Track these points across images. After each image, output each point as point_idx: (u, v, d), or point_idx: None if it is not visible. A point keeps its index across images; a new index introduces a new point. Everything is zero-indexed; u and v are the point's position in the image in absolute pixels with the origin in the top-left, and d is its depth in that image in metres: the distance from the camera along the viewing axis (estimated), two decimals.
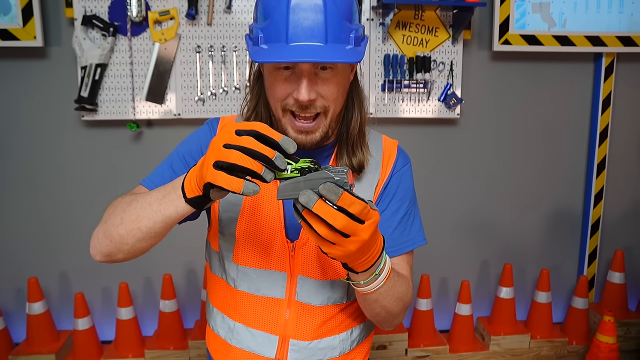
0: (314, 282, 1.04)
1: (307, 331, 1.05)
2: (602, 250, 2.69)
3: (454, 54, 2.38)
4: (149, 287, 2.47)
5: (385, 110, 2.37)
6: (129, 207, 0.91)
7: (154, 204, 0.86)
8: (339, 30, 0.89)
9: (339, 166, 0.79)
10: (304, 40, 0.87)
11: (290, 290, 1.04)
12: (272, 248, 1.04)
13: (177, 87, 2.29)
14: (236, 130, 0.74)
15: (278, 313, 1.05)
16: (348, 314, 1.09)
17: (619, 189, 2.65)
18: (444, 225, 2.59)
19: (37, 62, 2.28)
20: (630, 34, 2.46)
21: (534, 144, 2.58)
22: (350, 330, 1.10)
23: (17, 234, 2.39)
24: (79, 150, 2.35)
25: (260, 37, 0.90)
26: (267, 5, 0.91)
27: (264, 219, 1.04)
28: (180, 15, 2.23)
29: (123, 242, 0.91)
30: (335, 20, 0.89)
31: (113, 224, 0.92)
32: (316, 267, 1.04)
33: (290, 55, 0.86)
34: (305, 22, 0.87)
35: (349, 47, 0.91)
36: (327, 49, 0.87)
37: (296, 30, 0.87)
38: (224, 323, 1.11)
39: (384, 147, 1.12)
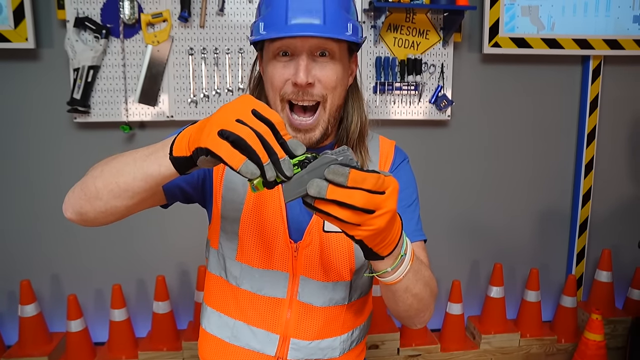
0: (316, 283, 1.05)
1: (308, 331, 1.06)
2: (590, 249, 2.73)
3: (445, 56, 2.41)
4: (142, 288, 2.47)
5: (377, 112, 2.40)
6: (113, 160, 0.87)
7: (139, 160, 0.82)
8: (337, 16, 0.93)
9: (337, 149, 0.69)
10: (303, 16, 0.90)
11: (292, 291, 1.05)
12: (275, 248, 1.05)
13: (169, 89, 2.30)
14: (253, 110, 0.69)
15: (279, 312, 1.05)
16: (350, 316, 1.11)
17: (606, 189, 2.70)
18: (434, 226, 2.61)
19: (29, 64, 2.28)
20: (617, 37, 2.50)
21: (523, 145, 2.62)
22: (351, 332, 1.11)
23: (9, 236, 2.38)
24: (71, 152, 2.35)
25: (261, 25, 0.94)
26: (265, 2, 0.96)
27: (267, 219, 1.04)
28: (172, 18, 2.24)
29: (98, 196, 0.85)
30: (334, 5, 0.92)
31: (92, 175, 0.87)
32: (318, 268, 1.05)
33: (289, 30, 0.89)
34: (304, 5, 0.91)
35: (347, 33, 0.94)
36: (325, 28, 0.90)
37: (295, 12, 0.90)
38: (221, 321, 1.11)
39: (380, 148, 1.14)
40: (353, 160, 0.65)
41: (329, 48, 0.94)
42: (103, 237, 2.41)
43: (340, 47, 0.97)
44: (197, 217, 1.24)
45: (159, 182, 0.82)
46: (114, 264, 2.43)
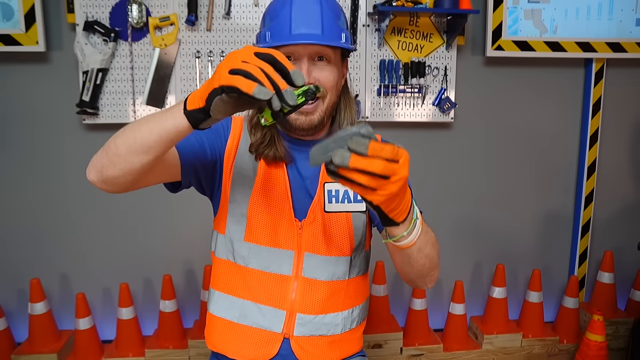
0: (319, 258, 1.15)
1: (313, 305, 1.15)
2: (593, 251, 2.75)
3: (448, 59, 2.44)
4: (149, 287, 2.52)
5: (381, 114, 2.43)
6: (135, 122, 0.92)
7: (156, 116, 0.88)
8: (333, 26, 1.06)
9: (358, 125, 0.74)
10: (305, 27, 1.04)
11: (297, 267, 1.14)
12: (281, 227, 1.14)
13: (177, 91, 2.34)
14: (255, 52, 0.77)
15: (286, 289, 1.14)
16: (350, 293, 1.20)
17: (609, 191, 2.72)
18: (438, 227, 2.61)
19: (39, 67, 2.32)
20: (619, 40, 2.52)
21: (526, 147, 2.64)
22: (351, 309, 1.21)
23: (20, 236, 2.43)
24: (80, 153, 2.39)
25: (267, 34, 1.06)
26: (272, 10, 1.08)
27: (273, 200, 1.14)
28: (180, 21, 2.28)
29: (117, 152, 0.89)
30: (330, 19, 1.05)
31: (114, 135, 0.93)
32: (321, 244, 1.15)
33: (294, 38, 1.02)
34: (305, 17, 1.04)
35: (342, 41, 1.07)
36: (324, 37, 1.04)
37: (298, 23, 1.03)
38: (229, 303, 1.18)
39: None
40: (373, 133, 0.72)
41: (326, 53, 1.06)
42: (111, 237, 2.45)
43: (335, 53, 1.09)
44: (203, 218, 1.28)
45: (173, 137, 0.87)
46: (121, 264, 2.47)
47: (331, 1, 1.09)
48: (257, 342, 1.17)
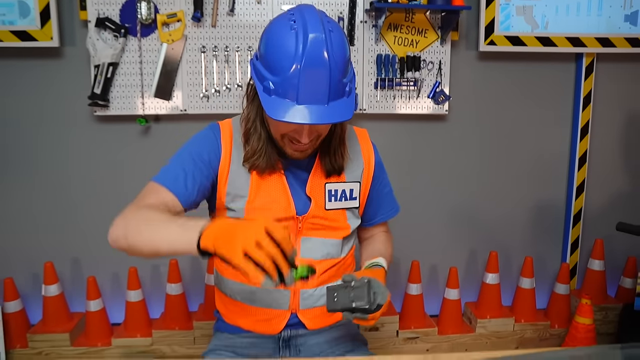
0: (314, 240, 1.28)
1: (312, 280, 1.24)
2: (584, 239, 2.84)
3: (443, 54, 2.54)
4: (156, 272, 2.63)
5: (378, 107, 2.53)
6: (149, 226, 1.03)
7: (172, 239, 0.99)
8: (338, 88, 1.08)
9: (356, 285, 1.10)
10: (310, 102, 1.05)
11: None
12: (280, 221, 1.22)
13: (183, 85, 2.45)
14: (267, 230, 0.88)
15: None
16: (345, 267, 1.36)
17: (599, 181, 2.81)
18: (433, 216, 2.75)
19: (53, 62, 2.45)
20: (608, 35, 2.61)
21: (519, 138, 2.74)
22: None
23: (34, 223, 2.56)
24: (91, 143, 2.52)
25: (272, 90, 1.07)
26: (276, 62, 1.06)
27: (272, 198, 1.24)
28: (186, 18, 2.40)
29: (139, 252, 1.05)
30: (335, 80, 1.06)
31: (133, 233, 1.04)
32: (319, 230, 1.28)
33: (302, 117, 1.05)
34: (312, 87, 1.04)
35: (345, 98, 1.10)
36: (328, 110, 1.07)
37: (305, 95, 1.05)
38: (239, 288, 1.31)
39: (359, 139, 1.36)
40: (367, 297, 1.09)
41: None
42: None
43: None
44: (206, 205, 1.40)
45: (181, 253, 0.99)
46: None
47: (339, 58, 1.06)
48: (268, 319, 1.31)
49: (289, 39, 1.03)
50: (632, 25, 2.62)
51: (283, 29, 1.06)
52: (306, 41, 1.02)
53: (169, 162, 1.23)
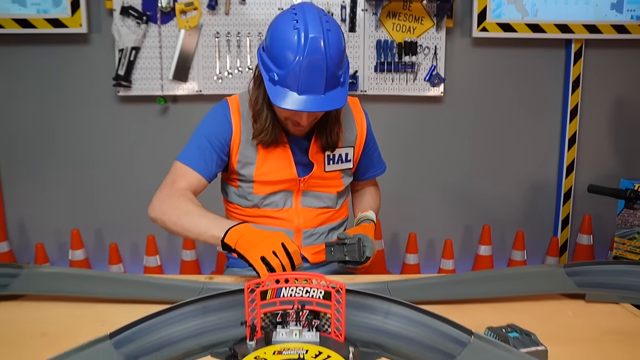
0: (313, 193, 1.49)
1: (312, 222, 1.49)
2: (574, 216, 3.00)
3: (438, 39, 2.74)
4: (172, 239, 2.85)
5: (378, 89, 2.74)
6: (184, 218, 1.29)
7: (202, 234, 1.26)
8: (333, 80, 1.26)
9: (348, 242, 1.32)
10: (310, 92, 1.23)
11: (297, 201, 1.48)
12: (284, 182, 1.45)
13: (199, 67, 2.68)
14: (282, 243, 1.14)
15: (291, 216, 1.47)
16: (338, 215, 1.56)
17: (588, 161, 2.96)
18: (431, 192, 2.93)
19: (82, 47, 2.70)
20: (596, 22, 2.78)
21: (512, 120, 2.92)
22: (338, 222, 1.57)
23: (62, 194, 2.80)
24: (115, 121, 2.76)
25: (277, 80, 1.24)
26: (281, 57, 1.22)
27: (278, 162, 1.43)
28: (202, 6, 2.63)
29: (171, 232, 1.33)
30: (331, 74, 1.25)
31: (170, 222, 1.32)
32: (317, 187, 1.49)
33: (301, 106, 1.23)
34: (311, 79, 1.21)
35: (339, 88, 1.29)
36: (324, 99, 1.25)
37: (305, 86, 1.22)
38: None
39: (352, 108, 1.55)
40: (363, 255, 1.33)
41: None
42: (138, 196, 2.80)
43: None
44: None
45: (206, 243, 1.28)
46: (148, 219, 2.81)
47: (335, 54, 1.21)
48: None
49: (292, 37, 1.20)
50: (618, 13, 2.79)
51: (287, 27, 1.22)
52: (307, 41, 1.18)
53: (189, 143, 1.45)
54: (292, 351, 0.83)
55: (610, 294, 1.13)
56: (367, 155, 1.58)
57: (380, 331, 0.94)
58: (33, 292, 1.11)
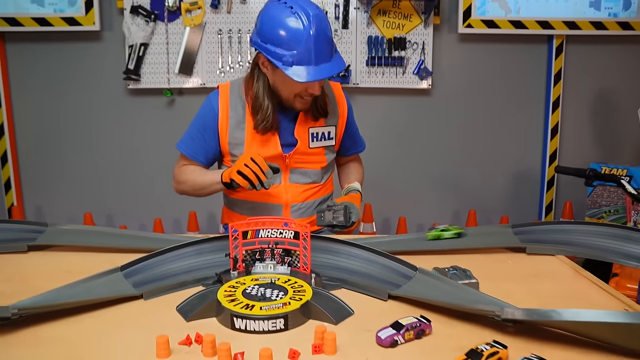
0: (300, 170, 1.68)
1: (299, 197, 1.67)
2: (557, 203, 3.17)
3: (426, 35, 2.92)
4: (177, 222, 3.07)
5: (369, 81, 2.93)
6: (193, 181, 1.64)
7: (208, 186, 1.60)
8: (332, 47, 1.49)
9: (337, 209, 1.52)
10: (322, 61, 1.45)
11: (285, 177, 1.66)
12: (272, 159, 1.61)
13: (202, 62, 2.89)
14: (251, 157, 1.42)
15: (280, 191, 1.65)
16: (323, 190, 1.75)
17: (570, 150, 3.13)
18: (420, 179, 3.12)
19: (94, 44, 2.92)
20: (575, 19, 2.95)
21: (497, 111, 3.09)
22: (323, 197, 1.75)
23: (76, 180, 3.02)
24: (125, 111, 2.97)
25: (293, 61, 1.41)
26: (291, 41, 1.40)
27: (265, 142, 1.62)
28: (206, 5, 2.84)
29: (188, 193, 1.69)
30: (331, 42, 1.48)
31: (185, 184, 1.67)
32: (302, 164, 1.68)
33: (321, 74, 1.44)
34: (321, 49, 1.42)
35: (337, 54, 1.51)
36: (334, 63, 1.47)
37: (318, 57, 1.42)
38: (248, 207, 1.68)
39: (334, 91, 1.74)
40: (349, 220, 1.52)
41: None
42: (146, 182, 3.02)
43: None
44: None
45: (216, 192, 1.63)
46: (155, 203, 3.03)
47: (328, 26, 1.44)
48: None
49: (295, 21, 1.39)
50: (596, 10, 2.96)
51: (286, 14, 1.41)
52: (309, 19, 1.38)
53: (186, 132, 1.69)
54: (267, 279, 1.03)
55: (547, 247, 1.32)
56: (350, 135, 1.77)
57: (342, 269, 1.13)
58: (57, 243, 1.32)
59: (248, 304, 0.91)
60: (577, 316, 0.80)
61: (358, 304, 0.99)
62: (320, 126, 1.66)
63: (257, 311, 0.89)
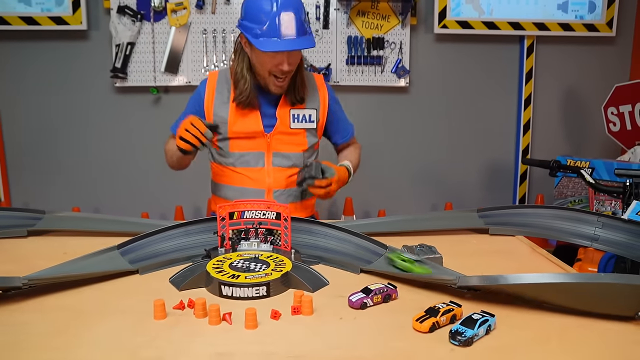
0: (282, 154, 1.76)
1: (281, 182, 1.75)
2: (530, 196, 3.32)
3: (403, 35, 3.05)
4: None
5: (349, 80, 3.05)
6: (168, 151, 1.77)
7: (173, 154, 1.71)
8: (302, 27, 1.60)
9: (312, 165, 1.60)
10: (288, 36, 1.57)
11: (268, 161, 1.75)
12: (255, 139, 1.74)
13: (188, 61, 2.98)
14: (191, 122, 1.51)
15: (263, 176, 1.74)
16: None
17: (542, 145, 3.29)
18: (399, 174, 3.25)
19: (82, 43, 2.99)
20: (544, 21, 3.11)
21: (471, 109, 3.24)
22: None
23: (64, 175, 3.09)
24: (112, 109, 3.05)
25: (262, 33, 1.55)
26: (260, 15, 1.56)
27: (248, 122, 1.73)
28: (191, 6, 2.93)
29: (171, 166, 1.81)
30: (300, 22, 1.59)
31: (166, 155, 1.80)
32: (284, 146, 1.76)
33: (284, 46, 1.56)
34: (288, 24, 1.55)
35: (308, 36, 1.62)
36: (300, 40, 1.58)
37: (284, 30, 1.56)
38: (233, 191, 1.77)
39: (316, 81, 1.85)
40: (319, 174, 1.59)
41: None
42: (133, 177, 3.10)
43: None
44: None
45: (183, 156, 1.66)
46: (142, 197, 3.12)
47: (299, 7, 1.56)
48: None
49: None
50: (563, 13, 3.12)
51: None
52: None
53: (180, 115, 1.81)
54: (251, 255, 1.13)
55: (507, 228, 1.45)
56: (337, 120, 1.88)
57: (319, 247, 1.25)
58: (55, 228, 1.41)
59: (234, 274, 1.02)
60: (520, 279, 0.92)
61: (333, 277, 1.10)
62: (301, 108, 1.77)
63: (243, 280, 0.99)
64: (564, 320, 0.92)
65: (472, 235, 1.46)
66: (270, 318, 0.91)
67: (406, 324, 0.90)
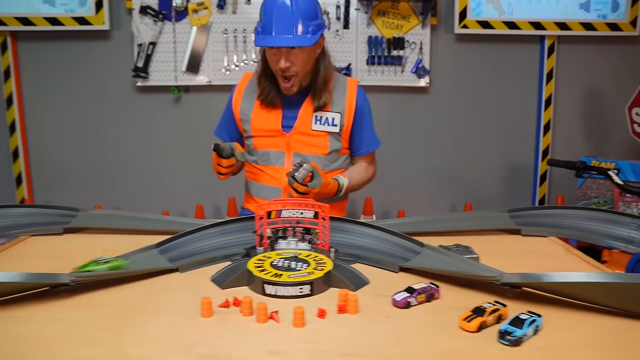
0: (302, 155, 1.76)
1: None
2: (550, 197, 3.30)
3: (423, 35, 3.05)
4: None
5: (369, 80, 3.05)
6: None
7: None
8: (303, 26, 1.60)
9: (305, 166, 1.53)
10: (282, 33, 1.60)
11: (288, 161, 1.76)
12: (275, 137, 1.76)
13: (209, 61, 3.00)
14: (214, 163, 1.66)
15: (282, 174, 1.74)
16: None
17: (562, 146, 3.26)
18: (419, 174, 3.24)
19: (104, 42, 3.02)
20: (566, 20, 3.09)
21: (492, 108, 3.22)
22: None
23: (84, 175, 3.12)
24: (133, 108, 3.07)
25: (259, 30, 1.62)
26: (261, 12, 1.63)
27: (269, 122, 1.76)
28: (212, 5, 2.94)
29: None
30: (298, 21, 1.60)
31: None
32: (304, 147, 1.77)
33: (273, 42, 1.61)
34: (283, 21, 1.59)
35: (308, 35, 1.62)
36: (294, 37, 1.61)
37: (278, 27, 1.60)
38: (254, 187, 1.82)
39: (347, 85, 1.83)
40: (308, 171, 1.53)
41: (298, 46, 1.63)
42: (154, 176, 3.12)
43: None
44: None
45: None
46: (162, 197, 3.13)
47: (303, 7, 1.58)
48: None
49: None
50: (585, 12, 3.10)
51: None
52: None
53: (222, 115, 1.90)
54: (290, 254, 1.14)
55: (540, 229, 1.44)
56: (359, 130, 1.81)
57: (356, 246, 1.25)
58: (90, 226, 1.43)
59: (276, 273, 1.02)
60: (565, 277, 0.92)
61: (373, 275, 1.11)
62: (325, 111, 1.75)
63: (286, 278, 1.00)
64: (613, 321, 0.91)
65: (505, 236, 1.46)
66: (317, 317, 0.91)
67: (451, 323, 0.90)
